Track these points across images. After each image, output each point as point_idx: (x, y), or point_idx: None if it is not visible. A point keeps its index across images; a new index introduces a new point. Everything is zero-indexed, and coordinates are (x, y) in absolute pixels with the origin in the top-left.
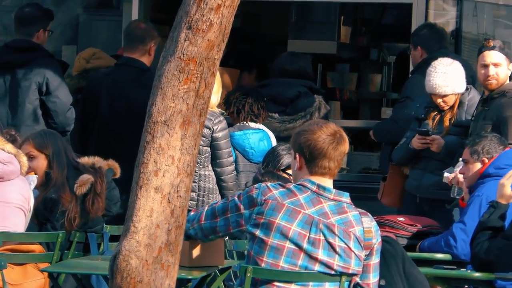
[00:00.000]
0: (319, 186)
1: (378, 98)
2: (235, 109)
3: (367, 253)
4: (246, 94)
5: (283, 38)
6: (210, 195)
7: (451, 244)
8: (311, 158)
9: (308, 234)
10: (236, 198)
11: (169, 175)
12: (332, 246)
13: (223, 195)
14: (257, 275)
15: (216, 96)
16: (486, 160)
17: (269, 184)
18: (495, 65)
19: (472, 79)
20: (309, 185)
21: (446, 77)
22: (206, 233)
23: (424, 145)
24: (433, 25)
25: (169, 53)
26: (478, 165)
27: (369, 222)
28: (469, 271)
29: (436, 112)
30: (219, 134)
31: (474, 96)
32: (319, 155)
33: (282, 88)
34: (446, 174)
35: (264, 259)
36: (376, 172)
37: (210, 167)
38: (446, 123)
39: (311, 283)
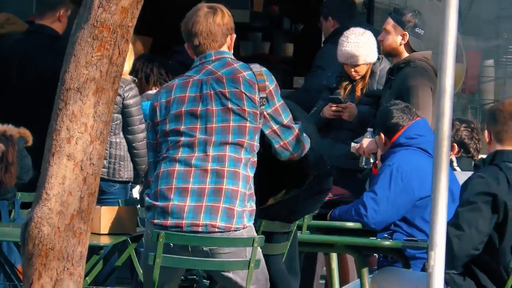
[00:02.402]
0: (200, 57)
1: (290, 67)
2: (143, 75)
3: (263, 95)
4: (151, 59)
5: None
6: (121, 162)
7: (362, 213)
8: (187, 39)
9: (201, 94)
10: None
11: (82, 143)
12: (222, 94)
13: (134, 162)
14: (169, 240)
15: (128, 63)
16: (383, 136)
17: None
18: (384, 30)
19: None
20: (193, 64)
21: (358, 47)
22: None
23: (336, 114)
24: None
25: (82, 20)
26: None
27: (258, 67)
28: (379, 239)
29: (347, 82)
30: (130, 101)
31: (386, 66)
32: (188, 32)
33: None
34: (353, 144)
35: (167, 128)
36: None
37: (121, 135)
38: (358, 93)
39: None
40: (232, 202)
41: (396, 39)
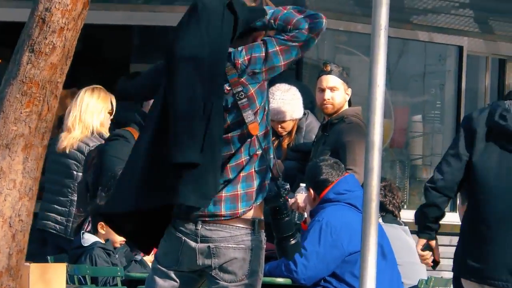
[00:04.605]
0: None
1: None
2: None
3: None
4: None
5: (125, 62)
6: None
7: (291, 269)
8: None
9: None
10: None
11: (11, 199)
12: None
13: None
14: None
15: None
16: (312, 191)
17: None
18: (331, 89)
19: (311, 104)
20: None
21: (284, 103)
22: None
23: None
24: None
25: (11, 76)
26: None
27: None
28: None
29: (274, 138)
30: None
31: (312, 121)
32: None
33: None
34: None
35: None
36: None
37: None
38: (285, 148)
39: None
40: (248, 186)
41: (345, 96)
